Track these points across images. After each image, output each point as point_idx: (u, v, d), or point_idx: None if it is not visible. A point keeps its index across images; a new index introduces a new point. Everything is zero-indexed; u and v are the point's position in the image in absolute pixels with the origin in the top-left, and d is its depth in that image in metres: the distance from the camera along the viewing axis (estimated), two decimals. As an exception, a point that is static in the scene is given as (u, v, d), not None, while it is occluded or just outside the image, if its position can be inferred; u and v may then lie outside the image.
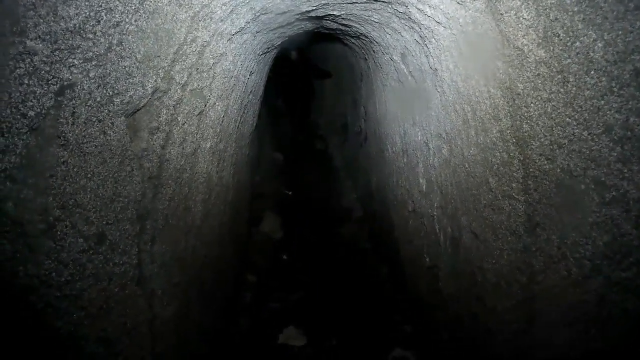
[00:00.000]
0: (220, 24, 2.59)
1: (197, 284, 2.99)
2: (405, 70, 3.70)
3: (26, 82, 1.35)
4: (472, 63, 2.43)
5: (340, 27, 4.17)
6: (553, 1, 1.67)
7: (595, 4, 1.49)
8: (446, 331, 3.35)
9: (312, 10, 3.36)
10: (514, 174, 2.13)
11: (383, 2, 2.96)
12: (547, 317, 2.10)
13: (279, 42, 4.36)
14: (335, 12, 3.54)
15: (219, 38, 2.69)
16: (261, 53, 4.08)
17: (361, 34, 4.16)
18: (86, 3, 1.46)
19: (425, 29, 2.84)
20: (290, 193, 7.36)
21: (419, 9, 2.71)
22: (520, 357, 2.29)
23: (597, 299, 1.83)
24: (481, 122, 2.40)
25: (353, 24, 3.90)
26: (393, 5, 2.96)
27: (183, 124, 2.45)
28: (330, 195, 7.29)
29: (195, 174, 2.81)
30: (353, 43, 4.95)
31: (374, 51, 4.45)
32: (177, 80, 2.27)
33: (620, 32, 1.44)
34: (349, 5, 3.26)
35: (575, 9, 1.58)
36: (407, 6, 2.81)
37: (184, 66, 2.31)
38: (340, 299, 4.94)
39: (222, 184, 3.57)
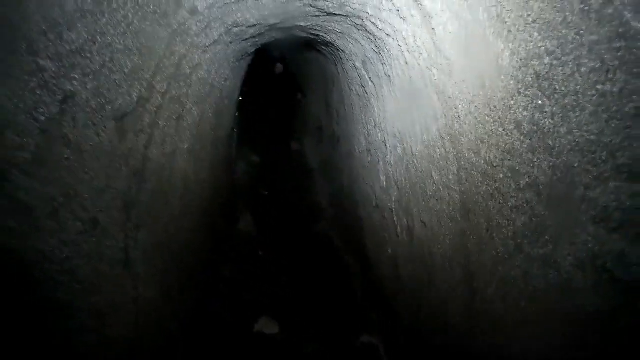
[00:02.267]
0: (195, 38, 2.88)
1: (176, 270, 3.25)
2: (366, 76, 4.01)
3: (38, 93, 1.60)
4: (414, 70, 2.76)
5: (309, 36, 4.46)
6: (471, 17, 2.00)
7: (502, 19, 1.80)
8: (407, 313, 3.60)
9: (280, 22, 3.65)
10: (450, 167, 2.45)
11: (342, 15, 3.29)
12: (484, 293, 2.28)
13: (253, 50, 4.64)
14: (301, 24, 3.83)
15: (194, 50, 2.98)
16: (235, 61, 4.36)
17: (328, 42, 4.45)
18: (85, 29, 1.73)
19: (379, 39, 3.18)
20: (266, 193, 7.52)
21: (372, 22, 3.05)
22: (470, 327, 2.50)
23: (522, 274, 1.98)
24: (425, 121, 2.73)
25: (320, 34, 4.20)
26: (351, 19, 3.29)
27: (163, 127, 2.73)
28: (305, 195, 7.51)
29: (174, 171, 3.08)
30: (324, 49, 5.21)
31: (340, 58, 4.73)
32: (158, 89, 2.55)
33: (522, 42, 1.72)
34: (312, 17, 3.56)
35: (487, 23, 1.89)
36: (362, 19, 3.15)
37: (163, 77, 2.59)
38: (312, 291, 5.19)
39: (199, 182, 3.84)
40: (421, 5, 2.36)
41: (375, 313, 4.67)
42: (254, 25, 3.53)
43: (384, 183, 3.89)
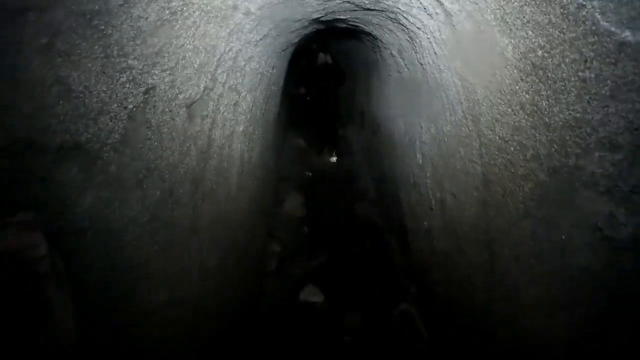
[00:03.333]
0: (248, 34, 3.24)
1: (232, 242, 3.57)
2: (402, 63, 4.30)
3: (127, 86, 1.92)
4: (441, 60, 3.07)
5: (349, 27, 4.75)
6: (481, 17, 2.32)
7: (504, 20, 2.11)
8: (440, 283, 3.86)
9: (322, 16, 3.97)
10: (473, 143, 2.75)
11: (377, 10, 3.60)
12: (501, 254, 2.55)
13: (297, 40, 4.97)
14: (341, 17, 4.14)
15: (247, 45, 3.34)
16: (281, 51, 4.71)
17: (367, 32, 4.73)
18: (164, 34, 2.09)
19: (411, 32, 3.49)
20: (310, 174, 7.73)
21: (404, 17, 3.36)
22: (489, 286, 2.76)
23: (531, 235, 2.24)
24: (451, 105, 3.04)
25: (359, 25, 4.49)
26: (385, 13, 3.60)
27: (223, 112, 3.09)
28: (348, 177, 7.69)
29: (232, 151, 3.44)
30: (363, 37, 5.46)
31: (379, 46, 5.00)
32: (219, 80, 2.91)
33: (520, 38, 2.02)
34: (351, 11, 3.87)
35: (494, 22, 2.21)
36: (396, 14, 3.46)
37: (224, 69, 2.95)
38: (355, 266, 5.47)
39: (251, 163, 4.19)
40: (443, 5, 2.68)
41: (413, 286, 4.92)
42: (299, 20, 3.88)
43: (420, 160, 4.17)
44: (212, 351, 3.14)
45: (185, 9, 2.22)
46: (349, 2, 3.50)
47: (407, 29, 3.53)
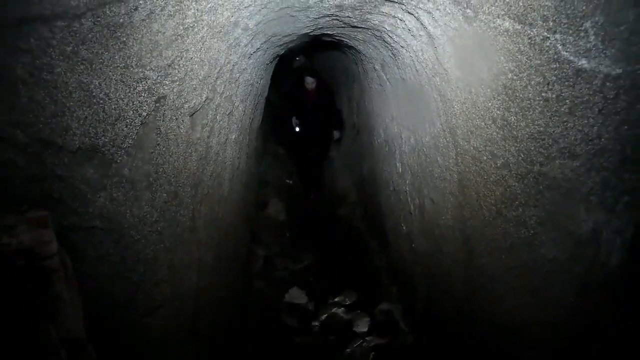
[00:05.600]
0: (244, 48, 3.45)
1: (224, 242, 3.74)
2: (384, 77, 4.56)
3: (143, 95, 2.05)
4: (422, 76, 3.33)
5: (334, 40, 4.98)
6: (461, 43, 2.61)
7: (481, 45, 2.38)
8: (421, 285, 4.08)
9: (311, 31, 4.20)
10: (450, 152, 3.02)
11: (364, 27, 3.85)
12: (477, 251, 2.82)
13: (282, 52, 5.18)
14: (328, 32, 4.38)
15: (242, 58, 3.55)
16: (269, 62, 4.90)
17: (351, 46, 4.95)
18: (177, 48, 2.26)
19: (395, 49, 3.75)
20: (291, 182, 7.75)
21: (389, 36, 3.62)
22: (467, 280, 3.01)
23: (503, 233, 2.48)
24: (430, 117, 3.31)
25: (344, 39, 4.73)
26: (371, 30, 3.85)
27: (220, 121, 3.29)
28: (328, 182, 7.77)
29: (226, 157, 3.64)
30: (347, 50, 5.65)
31: (361, 59, 5.22)
32: (218, 91, 3.11)
33: (494, 62, 2.29)
34: (338, 28, 4.10)
35: (471, 48, 2.48)
36: (381, 32, 3.72)
37: (222, 80, 3.16)
38: (337, 268, 5.63)
39: (240, 168, 4.37)
40: (427, 28, 2.96)
41: (395, 286, 5.12)
42: (289, 35, 4.10)
43: (400, 169, 4.41)
44: (209, 344, 3.29)
45: (196, 25, 2.42)
46: (338, 19, 3.74)
47: (391, 46, 3.79)
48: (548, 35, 1.89)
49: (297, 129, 6.77)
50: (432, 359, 3.92)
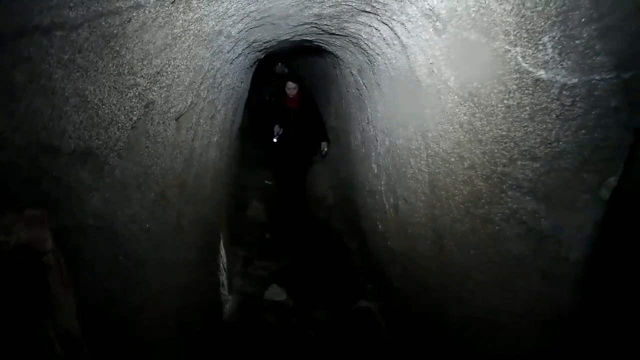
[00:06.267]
0: (227, 54, 3.59)
1: (207, 242, 3.87)
2: (361, 82, 4.71)
3: (133, 100, 2.15)
4: (396, 82, 3.52)
5: (313, 46, 5.14)
6: (432, 53, 2.78)
7: (449, 57, 2.57)
8: (397, 279, 4.21)
9: (290, 37, 4.35)
10: (422, 154, 3.19)
11: (341, 35, 4.02)
12: (448, 247, 2.95)
13: (262, 56, 5.32)
14: (308, 38, 4.54)
15: (225, 63, 3.69)
16: (249, 66, 5.03)
17: (329, 51, 5.13)
18: (165, 56, 2.39)
19: (371, 56, 3.92)
20: (270, 183, 7.79)
21: (365, 43, 3.80)
22: (440, 275, 3.15)
23: (471, 230, 2.64)
24: (404, 121, 3.48)
25: (322, 45, 4.90)
26: (348, 38, 4.03)
27: (203, 124, 3.42)
28: (307, 184, 7.68)
29: (208, 159, 3.76)
30: (325, 55, 5.81)
31: (339, 64, 5.38)
32: (202, 96, 3.24)
33: (461, 72, 2.48)
34: (317, 34, 4.27)
35: (441, 58, 2.67)
36: (358, 39, 3.90)
37: (206, 86, 3.29)
38: (316, 267, 5.73)
39: (221, 170, 4.50)
40: (400, 38, 3.15)
41: (372, 284, 5.21)
42: (269, 41, 4.25)
43: (375, 170, 4.55)
44: (193, 340, 3.37)
45: (183, 34, 2.55)
46: (317, 27, 3.90)
47: (367, 53, 3.97)
48: (509, 48, 2.08)
49: (275, 140, 6.46)
50: (409, 354, 4.04)
